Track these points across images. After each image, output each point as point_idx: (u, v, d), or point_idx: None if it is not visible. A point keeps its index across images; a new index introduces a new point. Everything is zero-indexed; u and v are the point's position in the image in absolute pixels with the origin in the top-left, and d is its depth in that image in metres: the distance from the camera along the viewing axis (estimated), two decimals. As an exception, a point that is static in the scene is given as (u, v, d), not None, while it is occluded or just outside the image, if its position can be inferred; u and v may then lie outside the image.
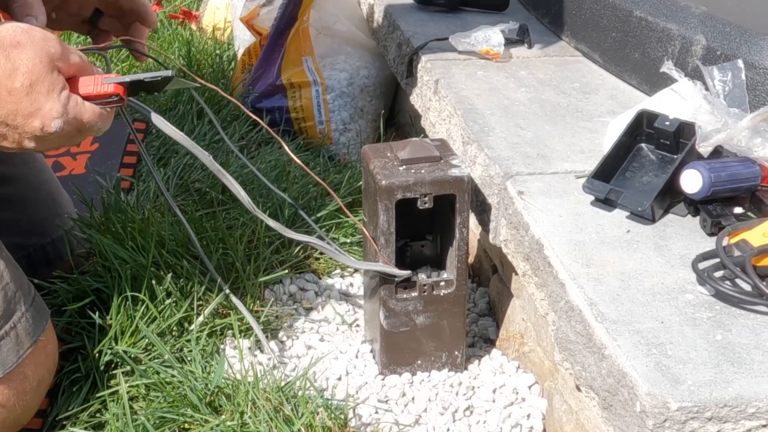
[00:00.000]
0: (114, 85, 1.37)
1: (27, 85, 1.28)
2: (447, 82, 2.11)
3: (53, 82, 1.30)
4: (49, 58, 1.29)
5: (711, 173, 1.57)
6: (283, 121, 2.60)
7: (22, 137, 1.31)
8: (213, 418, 1.53)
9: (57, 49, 1.31)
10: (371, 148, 1.68)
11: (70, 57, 1.33)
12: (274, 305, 1.87)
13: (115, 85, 1.37)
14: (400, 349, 1.69)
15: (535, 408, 1.65)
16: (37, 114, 1.29)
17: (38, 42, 1.29)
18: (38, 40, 1.29)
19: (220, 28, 3.27)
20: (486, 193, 1.78)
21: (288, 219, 2.02)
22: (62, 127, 1.31)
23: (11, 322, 1.44)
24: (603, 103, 2.05)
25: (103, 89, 1.36)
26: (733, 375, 1.26)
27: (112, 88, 1.36)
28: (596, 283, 1.44)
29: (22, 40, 1.28)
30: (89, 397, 1.59)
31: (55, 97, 1.30)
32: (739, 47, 1.81)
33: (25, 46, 1.28)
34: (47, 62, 1.29)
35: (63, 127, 1.31)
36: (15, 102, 1.28)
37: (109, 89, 1.36)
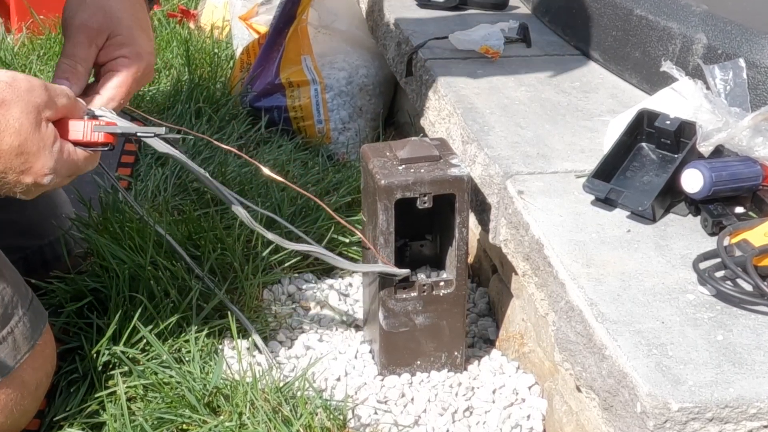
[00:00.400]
0: (104, 135, 1.34)
1: (15, 146, 1.24)
2: (446, 80, 2.11)
3: (43, 138, 1.27)
4: (36, 112, 1.26)
5: (712, 173, 1.57)
6: (282, 120, 2.60)
7: (13, 190, 1.29)
8: (211, 418, 1.52)
9: (43, 98, 1.27)
10: (370, 147, 1.68)
11: (57, 101, 1.29)
12: (273, 305, 1.87)
13: (105, 135, 1.34)
14: (400, 349, 1.69)
15: (535, 409, 1.65)
16: (28, 172, 1.27)
17: (24, 96, 1.25)
18: (23, 93, 1.25)
19: (218, 26, 3.27)
20: (486, 193, 1.78)
21: (287, 219, 2.02)
22: (54, 179, 1.30)
23: (8, 327, 1.43)
24: (603, 102, 2.05)
25: (93, 138, 1.33)
26: (734, 375, 1.26)
27: (102, 138, 1.34)
28: (596, 283, 1.44)
29: (7, 97, 1.24)
30: (87, 398, 1.59)
31: (47, 153, 1.27)
32: (741, 46, 1.81)
33: (11, 103, 1.24)
34: (35, 117, 1.26)
35: (55, 179, 1.30)
36: (4, 163, 1.25)
37: (100, 139, 1.34)
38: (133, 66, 1.45)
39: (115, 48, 1.44)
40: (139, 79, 1.46)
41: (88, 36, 1.43)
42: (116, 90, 1.43)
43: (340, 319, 1.87)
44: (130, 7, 1.47)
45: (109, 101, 1.42)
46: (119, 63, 1.44)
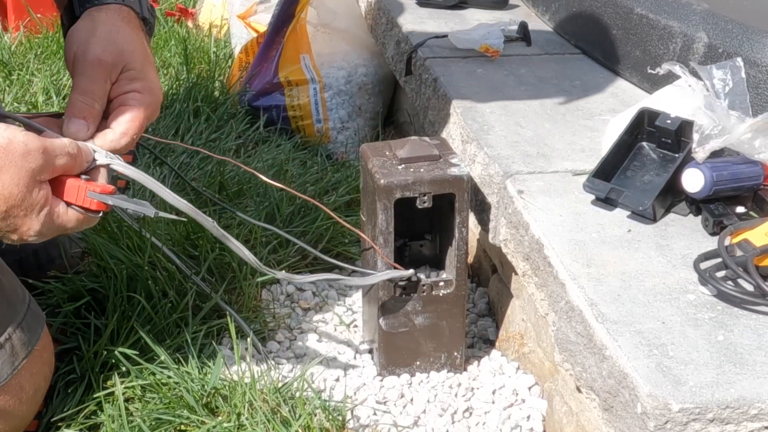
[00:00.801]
0: (97, 203, 1.31)
1: (3, 210, 1.23)
2: (446, 80, 2.11)
3: (32, 204, 1.25)
4: (29, 177, 1.24)
5: (713, 172, 1.57)
6: (281, 119, 2.60)
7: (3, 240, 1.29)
8: (209, 419, 1.52)
9: (39, 162, 1.24)
10: (370, 146, 1.68)
11: (56, 162, 1.27)
12: (271, 305, 1.87)
13: (98, 204, 1.31)
14: (399, 349, 1.69)
15: (535, 409, 1.65)
16: (14, 232, 1.27)
17: (18, 161, 1.23)
18: (18, 158, 1.23)
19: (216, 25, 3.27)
20: (485, 192, 1.78)
21: (285, 218, 2.02)
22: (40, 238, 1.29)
23: (6, 333, 1.42)
24: (604, 101, 2.05)
25: (86, 204, 1.31)
26: (735, 376, 1.26)
27: (95, 206, 1.31)
28: (597, 283, 1.44)
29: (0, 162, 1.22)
30: (84, 399, 1.59)
31: (33, 218, 1.26)
32: (741, 45, 1.81)
33: (3, 169, 1.22)
34: (27, 182, 1.24)
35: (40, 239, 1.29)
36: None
37: (92, 206, 1.31)
38: (145, 101, 1.42)
39: (127, 82, 1.42)
40: (150, 115, 1.43)
41: (103, 71, 1.40)
42: (129, 125, 1.40)
43: (339, 320, 1.87)
44: (140, 41, 1.45)
45: (122, 136, 1.39)
46: (131, 98, 1.41)
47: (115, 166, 1.36)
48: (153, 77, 1.45)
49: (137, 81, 1.42)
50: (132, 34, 1.45)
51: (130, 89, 1.42)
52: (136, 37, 1.45)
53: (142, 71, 1.43)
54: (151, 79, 1.44)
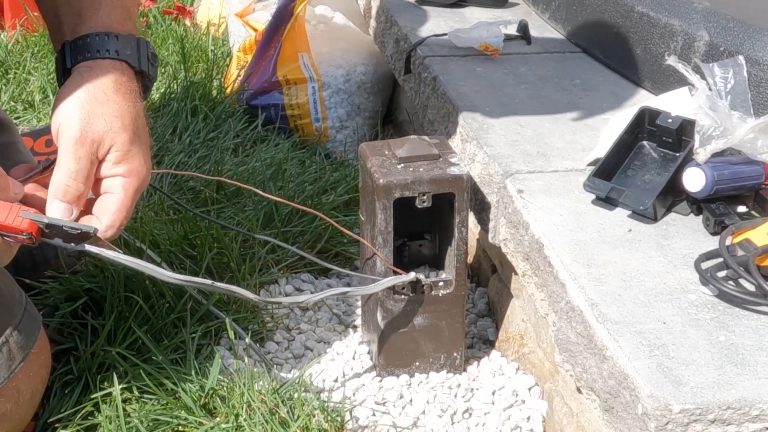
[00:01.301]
0: (29, 222, 1.23)
1: None
2: (445, 78, 2.11)
3: None
4: None
5: (714, 171, 1.57)
6: (279, 118, 2.60)
7: None
8: (207, 420, 1.52)
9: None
10: (369, 145, 1.68)
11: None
12: (270, 306, 1.87)
13: (29, 223, 1.23)
14: (398, 350, 1.69)
15: (535, 410, 1.65)
16: None
17: None
18: None
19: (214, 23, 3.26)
20: (485, 192, 1.78)
21: (284, 218, 2.02)
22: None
23: (2, 337, 1.42)
24: (604, 99, 2.05)
25: (15, 223, 1.23)
26: (736, 377, 1.26)
27: (25, 225, 1.23)
28: (597, 283, 1.44)
29: None
30: (81, 399, 1.59)
31: None
32: (743, 43, 1.81)
33: None
34: None
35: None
36: None
37: (22, 225, 1.23)
38: (132, 187, 1.35)
39: (112, 165, 1.34)
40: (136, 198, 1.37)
41: (89, 150, 1.32)
42: (115, 216, 1.33)
43: (337, 320, 1.87)
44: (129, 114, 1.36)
45: (108, 229, 1.32)
46: (117, 184, 1.34)
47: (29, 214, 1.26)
48: (140, 159, 1.36)
49: (122, 164, 1.34)
50: (122, 105, 1.36)
51: (114, 173, 1.34)
52: (126, 108, 1.36)
53: (129, 152, 1.34)
54: (137, 162, 1.35)
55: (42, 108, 2.69)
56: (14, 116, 2.66)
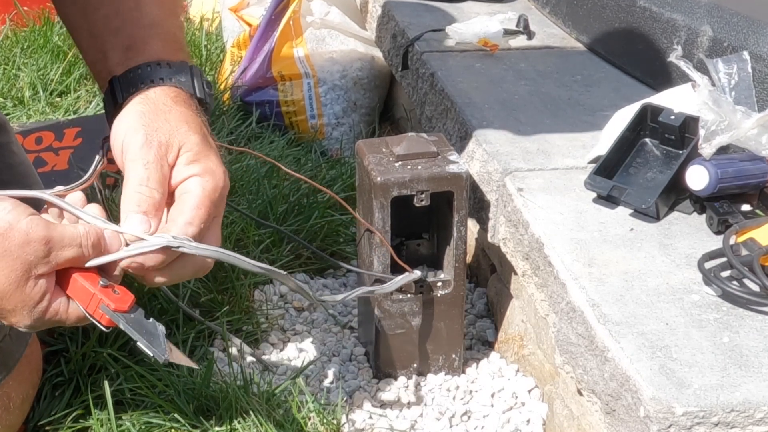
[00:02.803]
0: (107, 320, 1.19)
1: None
2: (444, 74, 2.11)
3: (25, 297, 1.15)
4: (24, 269, 1.13)
5: (717, 169, 1.57)
6: (274, 115, 2.60)
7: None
8: (201, 423, 1.52)
9: (38, 254, 1.14)
10: (366, 143, 1.68)
11: (60, 255, 1.15)
12: (264, 306, 1.87)
13: (108, 320, 1.19)
14: (396, 352, 1.69)
15: (535, 413, 1.65)
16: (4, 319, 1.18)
17: (14, 251, 1.13)
18: (14, 247, 1.13)
19: (208, 18, 3.26)
20: (484, 190, 1.78)
21: (279, 217, 2.02)
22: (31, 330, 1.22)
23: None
24: (605, 96, 2.05)
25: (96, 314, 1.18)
26: (740, 378, 1.26)
27: (105, 321, 1.19)
28: (598, 284, 1.44)
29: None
30: (72, 402, 1.59)
31: (25, 313, 1.16)
32: (747, 38, 1.81)
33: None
34: (20, 275, 1.13)
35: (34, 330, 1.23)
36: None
37: (102, 321, 1.19)
38: (208, 185, 1.24)
39: (184, 167, 1.24)
40: (216, 202, 1.25)
41: (159, 153, 1.22)
42: (194, 212, 1.22)
43: (334, 321, 1.87)
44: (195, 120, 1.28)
45: (187, 226, 1.21)
46: (192, 182, 1.24)
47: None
48: (214, 159, 1.26)
49: (196, 164, 1.24)
50: (185, 112, 1.28)
51: (188, 174, 1.24)
52: (190, 115, 1.28)
53: (201, 152, 1.25)
54: (212, 162, 1.25)
55: (32, 104, 2.68)
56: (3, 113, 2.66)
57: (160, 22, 1.35)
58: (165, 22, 1.36)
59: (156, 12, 1.35)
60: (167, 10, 1.37)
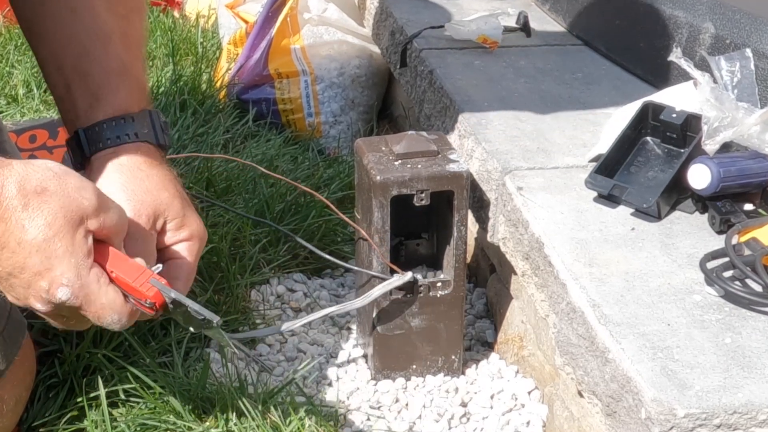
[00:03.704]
0: (156, 292, 1.19)
1: (40, 240, 1.13)
2: (443, 72, 2.11)
3: (74, 246, 1.15)
4: (77, 214, 1.15)
5: (720, 168, 1.57)
6: (270, 113, 2.60)
7: (28, 294, 1.16)
8: (197, 425, 1.52)
9: (92, 203, 1.16)
10: (365, 141, 1.68)
11: (108, 216, 1.18)
12: (261, 306, 1.87)
13: (156, 292, 1.19)
14: (394, 352, 1.69)
15: (535, 415, 1.65)
16: (45, 274, 1.14)
17: (69, 192, 1.14)
18: (71, 189, 1.14)
19: (204, 15, 3.26)
20: (484, 189, 1.78)
21: (276, 216, 2.02)
22: (70, 298, 1.16)
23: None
24: (606, 94, 2.05)
25: (143, 288, 1.19)
26: (743, 380, 1.26)
27: (151, 293, 1.19)
28: (599, 284, 1.44)
29: (51, 187, 1.14)
30: (66, 403, 1.59)
31: (72, 263, 1.15)
32: (750, 36, 1.81)
33: (52, 194, 1.13)
34: (73, 218, 1.14)
35: (71, 299, 1.16)
36: (24, 255, 1.14)
37: (149, 293, 1.19)
38: (195, 249, 1.36)
39: (174, 233, 1.35)
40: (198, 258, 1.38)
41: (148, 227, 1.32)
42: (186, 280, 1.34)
43: (331, 321, 1.87)
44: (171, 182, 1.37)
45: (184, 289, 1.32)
46: (182, 248, 1.35)
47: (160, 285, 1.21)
48: (196, 219, 1.38)
49: (184, 229, 1.35)
50: (161, 176, 1.36)
51: (177, 239, 1.35)
52: (166, 178, 1.37)
53: (185, 217, 1.35)
54: (195, 224, 1.37)
55: (26, 102, 2.68)
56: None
57: (128, 67, 1.41)
58: (132, 67, 1.42)
59: (124, 56, 1.41)
60: (133, 54, 1.44)
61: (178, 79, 2.63)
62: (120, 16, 1.45)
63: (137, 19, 1.49)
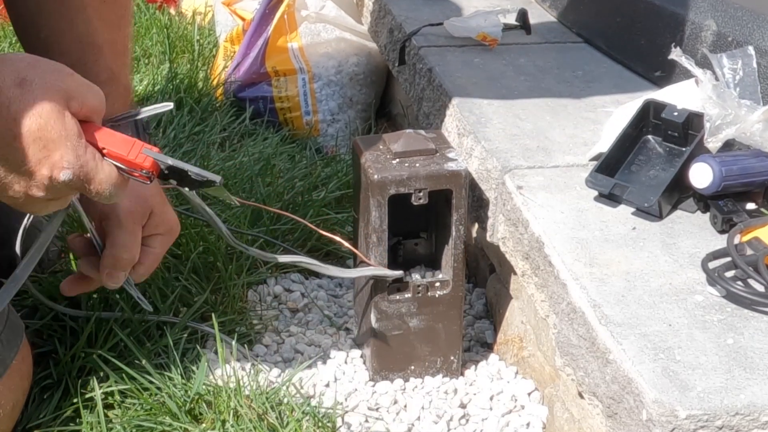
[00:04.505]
0: (152, 161, 1.23)
1: (34, 129, 1.16)
2: (441, 70, 2.11)
3: (66, 129, 1.18)
4: (61, 96, 1.18)
5: (722, 167, 1.57)
6: (267, 111, 2.60)
7: (30, 185, 1.21)
8: (193, 426, 1.52)
9: (72, 84, 1.19)
10: (363, 140, 1.67)
11: (87, 96, 1.21)
12: (258, 307, 1.87)
13: (152, 162, 1.23)
14: (393, 353, 1.69)
15: (535, 416, 1.65)
16: (45, 162, 1.18)
17: (48, 78, 1.18)
18: (48, 74, 1.18)
19: (200, 12, 3.26)
20: (483, 188, 1.77)
21: (273, 216, 2.01)
22: (71, 179, 1.20)
23: None
24: (607, 92, 2.05)
25: (138, 159, 1.23)
26: (745, 381, 1.26)
27: (148, 163, 1.23)
28: (600, 284, 1.44)
29: (29, 76, 1.17)
30: (61, 405, 1.58)
31: (68, 144, 1.18)
32: (752, 33, 1.81)
33: (33, 83, 1.16)
34: (59, 101, 1.18)
35: (73, 180, 1.20)
36: (22, 148, 1.17)
37: (145, 162, 1.23)
38: (167, 242, 1.56)
39: (153, 227, 1.52)
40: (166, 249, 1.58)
41: (137, 222, 1.49)
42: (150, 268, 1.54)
43: (329, 322, 1.87)
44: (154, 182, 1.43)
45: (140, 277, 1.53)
46: (156, 241, 1.53)
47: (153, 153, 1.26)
48: (172, 215, 1.55)
49: (161, 225, 1.53)
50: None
51: (155, 232, 1.52)
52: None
53: (164, 213, 1.53)
54: (171, 220, 1.55)
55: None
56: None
57: (117, 75, 1.52)
58: (120, 75, 1.53)
59: (112, 65, 1.51)
60: (121, 62, 1.55)
61: (174, 77, 2.63)
62: (110, 23, 1.52)
63: (125, 24, 1.57)
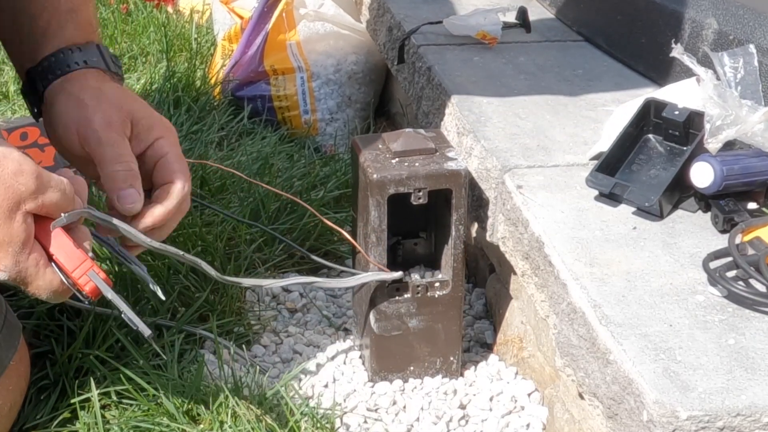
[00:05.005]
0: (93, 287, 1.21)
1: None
2: (441, 68, 2.11)
3: (11, 232, 1.17)
4: (14, 200, 1.17)
5: (723, 166, 1.57)
6: (266, 110, 2.60)
7: None
8: (191, 427, 1.52)
9: (29, 186, 1.17)
10: (362, 139, 1.67)
11: (47, 195, 1.19)
12: (256, 307, 1.87)
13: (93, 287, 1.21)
14: (392, 354, 1.69)
15: (535, 417, 1.65)
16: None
17: (7, 179, 1.16)
18: (8, 176, 1.16)
19: (198, 11, 3.26)
20: (483, 188, 1.77)
21: (271, 215, 2.01)
22: (8, 280, 1.19)
23: None
24: (607, 90, 2.05)
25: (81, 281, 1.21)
26: (746, 382, 1.26)
27: (89, 288, 1.21)
28: (600, 284, 1.44)
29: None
30: (58, 405, 1.58)
31: (9, 251, 1.18)
32: (753, 31, 1.81)
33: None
34: (11, 205, 1.16)
35: (8, 281, 1.19)
36: None
37: (87, 287, 1.21)
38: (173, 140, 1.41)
39: (146, 132, 1.39)
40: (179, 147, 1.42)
41: (119, 131, 1.36)
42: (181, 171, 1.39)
43: (327, 322, 1.87)
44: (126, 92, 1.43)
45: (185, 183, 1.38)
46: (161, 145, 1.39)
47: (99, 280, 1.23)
48: (162, 117, 1.43)
49: (155, 126, 1.40)
50: (112, 86, 1.42)
51: (153, 138, 1.39)
52: (121, 90, 1.42)
53: (150, 115, 1.41)
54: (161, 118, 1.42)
55: (17, 99, 2.68)
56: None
57: (77, 7, 1.47)
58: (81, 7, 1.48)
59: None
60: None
61: (171, 75, 2.63)
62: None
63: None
